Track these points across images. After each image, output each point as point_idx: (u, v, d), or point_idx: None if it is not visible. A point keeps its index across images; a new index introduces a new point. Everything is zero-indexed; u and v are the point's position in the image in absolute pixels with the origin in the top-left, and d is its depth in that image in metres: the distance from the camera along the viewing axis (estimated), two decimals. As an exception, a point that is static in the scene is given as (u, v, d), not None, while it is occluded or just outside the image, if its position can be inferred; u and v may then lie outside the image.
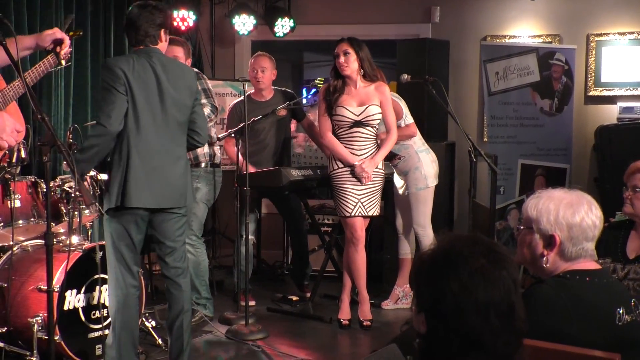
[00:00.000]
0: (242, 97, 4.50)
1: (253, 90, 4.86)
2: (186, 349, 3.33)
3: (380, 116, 4.25)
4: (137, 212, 3.21)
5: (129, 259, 3.25)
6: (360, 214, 4.24)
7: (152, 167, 3.21)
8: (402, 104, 4.58)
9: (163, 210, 3.29)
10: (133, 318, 3.30)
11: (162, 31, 3.28)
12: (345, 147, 4.21)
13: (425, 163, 4.56)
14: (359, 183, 4.22)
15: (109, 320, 3.35)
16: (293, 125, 5.20)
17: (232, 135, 4.40)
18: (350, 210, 4.21)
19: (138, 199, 3.17)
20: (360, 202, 4.23)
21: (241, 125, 4.29)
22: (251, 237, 4.64)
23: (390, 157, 4.53)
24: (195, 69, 4.49)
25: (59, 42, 2.94)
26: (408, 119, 4.59)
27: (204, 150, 4.34)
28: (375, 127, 4.27)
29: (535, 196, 1.96)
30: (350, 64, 4.16)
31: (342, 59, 4.16)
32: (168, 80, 3.23)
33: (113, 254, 3.24)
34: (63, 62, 3.03)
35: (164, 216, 3.31)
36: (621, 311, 1.85)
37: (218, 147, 4.56)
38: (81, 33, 3.35)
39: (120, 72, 3.12)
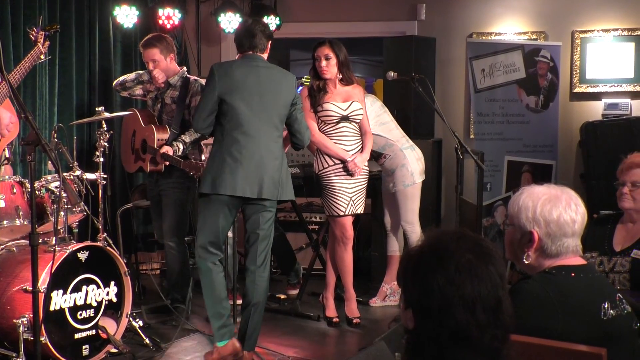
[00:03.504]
0: None
1: None
2: (251, 336, 3.55)
3: (362, 112, 4.27)
4: (223, 199, 3.50)
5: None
6: (351, 213, 4.26)
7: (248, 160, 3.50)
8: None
9: (256, 201, 3.53)
10: None
11: (269, 43, 3.66)
12: (335, 143, 4.22)
13: (411, 160, 4.58)
14: (349, 180, 4.22)
15: (97, 320, 3.40)
16: None
17: None
18: (343, 210, 4.22)
19: (226, 187, 3.46)
20: (352, 200, 4.24)
21: None
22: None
23: (377, 157, 4.54)
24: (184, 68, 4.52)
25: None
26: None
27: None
28: (358, 123, 4.28)
29: (518, 193, 1.98)
30: (331, 68, 4.17)
31: (323, 63, 4.16)
32: (270, 85, 3.55)
33: None
34: (42, 56, 3.09)
35: (257, 207, 3.55)
36: (606, 306, 1.86)
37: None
38: (57, 27, 3.34)
39: (216, 76, 3.51)
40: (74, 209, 3.82)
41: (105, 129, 4.00)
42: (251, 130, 3.51)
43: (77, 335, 3.57)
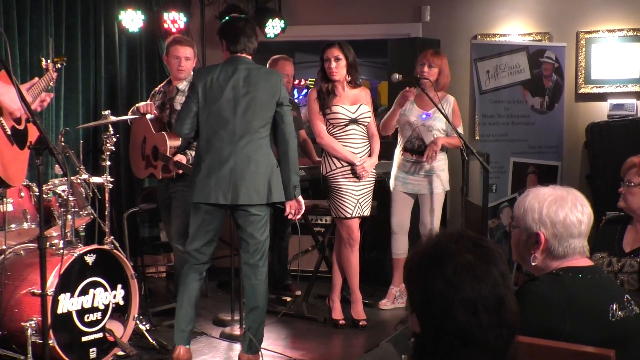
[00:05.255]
0: None
1: None
2: (253, 339, 3.55)
3: (370, 115, 4.28)
4: (202, 207, 3.51)
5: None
6: (358, 215, 4.26)
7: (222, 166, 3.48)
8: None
9: (239, 207, 3.51)
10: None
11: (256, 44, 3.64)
12: (344, 145, 4.23)
13: (446, 167, 4.61)
14: (356, 183, 4.23)
15: (104, 323, 3.42)
16: None
17: None
18: (350, 212, 4.23)
19: (202, 195, 3.47)
20: (359, 202, 4.25)
21: None
22: None
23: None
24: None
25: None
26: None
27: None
28: (366, 125, 4.29)
29: (524, 194, 1.97)
30: (340, 69, 4.18)
31: (333, 64, 4.16)
32: (248, 86, 3.50)
33: None
34: (52, 83, 3.29)
35: (240, 213, 3.54)
36: (614, 307, 1.86)
37: None
38: (65, 58, 3.49)
39: (196, 81, 3.54)
40: (81, 212, 3.84)
41: (112, 132, 4.01)
42: (228, 136, 3.48)
43: (84, 338, 3.58)
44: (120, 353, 3.71)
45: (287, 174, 3.58)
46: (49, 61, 3.40)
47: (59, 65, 3.46)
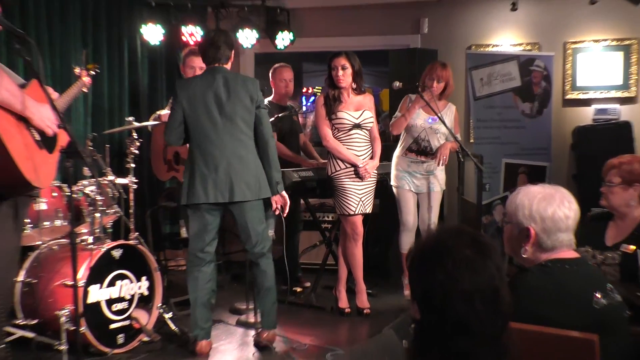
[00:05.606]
0: (264, 100, 4.70)
1: (273, 97, 5.04)
2: (269, 315, 3.69)
3: (373, 120, 4.29)
4: (202, 207, 3.50)
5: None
6: (361, 212, 4.27)
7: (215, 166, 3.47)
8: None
9: (235, 204, 3.51)
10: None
11: (232, 52, 3.61)
12: (348, 148, 4.24)
13: (443, 168, 4.63)
14: (359, 182, 4.24)
15: (130, 311, 3.49)
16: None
17: None
18: (353, 209, 4.24)
19: (202, 196, 3.46)
20: (361, 200, 4.26)
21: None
22: (271, 232, 4.67)
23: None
24: None
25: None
26: None
27: None
28: (369, 129, 4.30)
29: (515, 192, 1.98)
30: (346, 77, 4.19)
31: (340, 72, 4.18)
32: (229, 93, 3.49)
33: None
34: (84, 89, 3.29)
35: (237, 210, 3.55)
36: (598, 295, 1.86)
37: None
38: (98, 65, 3.51)
39: (178, 92, 3.52)
40: (108, 211, 3.86)
41: (135, 137, 4.04)
42: (217, 139, 3.49)
43: (112, 326, 3.61)
44: (146, 339, 3.74)
45: (269, 172, 3.60)
46: (82, 69, 3.41)
47: (93, 72, 3.47)
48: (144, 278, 3.79)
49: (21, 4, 4.62)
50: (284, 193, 3.70)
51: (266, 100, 5.03)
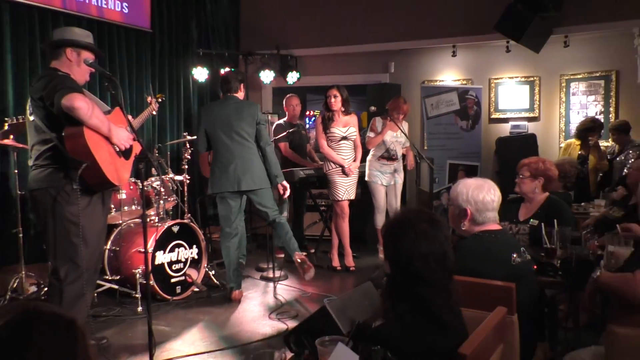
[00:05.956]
0: (280, 120, 4.90)
1: (286, 118, 4.98)
2: (290, 242, 3.56)
3: (356, 133, 4.27)
4: (226, 194, 3.46)
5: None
6: (347, 198, 4.25)
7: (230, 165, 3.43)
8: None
9: (250, 192, 3.49)
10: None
11: (242, 85, 3.61)
12: (337, 154, 4.23)
13: (402, 167, 4.60)
14: (345, 177, 4.24)
15: (185, 270, 3.48)
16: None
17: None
18: (341, 196, 4.23)
19: (221, 187, 3.44)
20: (347, 190, 4.25)
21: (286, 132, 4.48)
22: (285, 214, 4.67)
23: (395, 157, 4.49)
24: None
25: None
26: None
27: None
28: (353, 140, 4.28)
29: (456, 184, 1.97)
30: (337, 103, 4.17)
31: (332, 100, 4.17)
32: (237, 114, 3.46)
33: None
34: (153, 112, 3.26)
35: (251, 195, 3.51)
36: (515, 255, 1.86)
37: None
38: (163, 96, 3.48)
39: (202, 115, 3.53)
40: (169, 199, 3.85)
41: (188, 146, 4.02)
42: (229, 147, 3.45)
43: (172, 280, 3.60)
44: (196, 290, 3.73)
45: (269, 169, 3.57)
46: (152, 98, 3.39)
47: (159, 101, 3.44)
48: (194, 246, 3.77)
49: (109, 54, 4.59)
50: (284, 182, 3.62)
51: (281, 121, 5.01)
